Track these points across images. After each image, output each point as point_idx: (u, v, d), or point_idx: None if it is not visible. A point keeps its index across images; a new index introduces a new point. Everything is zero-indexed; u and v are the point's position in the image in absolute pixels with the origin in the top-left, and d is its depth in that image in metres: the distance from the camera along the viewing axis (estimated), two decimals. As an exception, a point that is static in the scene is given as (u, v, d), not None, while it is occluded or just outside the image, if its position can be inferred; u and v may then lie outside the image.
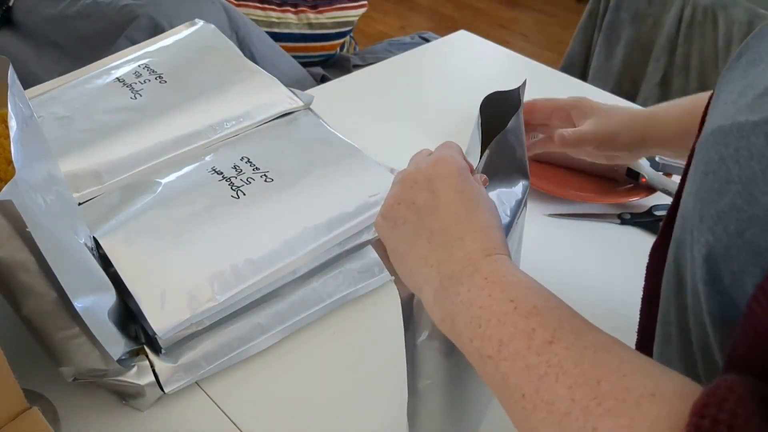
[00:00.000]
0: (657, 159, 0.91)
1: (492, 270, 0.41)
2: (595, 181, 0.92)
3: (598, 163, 0.80)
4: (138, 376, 0.61)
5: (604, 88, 1.15)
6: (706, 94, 0.58)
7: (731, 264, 0.34)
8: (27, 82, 0.64)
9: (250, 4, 1.50)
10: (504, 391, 0.38)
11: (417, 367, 0.48)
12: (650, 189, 0.89)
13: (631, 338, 0.54)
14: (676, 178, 0.90)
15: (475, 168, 0.50)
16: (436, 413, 0.52)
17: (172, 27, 0.99)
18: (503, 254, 0.43)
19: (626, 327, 0.53)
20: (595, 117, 0.73)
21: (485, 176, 0.49)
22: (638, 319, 0.54)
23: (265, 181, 0.72)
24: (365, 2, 1.59)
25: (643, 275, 0.52)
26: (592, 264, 0.80)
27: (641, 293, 0.53)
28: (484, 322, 0.39)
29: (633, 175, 0.89)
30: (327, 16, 1.54)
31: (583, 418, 0.33)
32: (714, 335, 0.38)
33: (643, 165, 0.89)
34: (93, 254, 0.60)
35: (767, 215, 0.32)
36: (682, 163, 0.91)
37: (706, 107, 0.45)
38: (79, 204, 0.70)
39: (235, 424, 0.63)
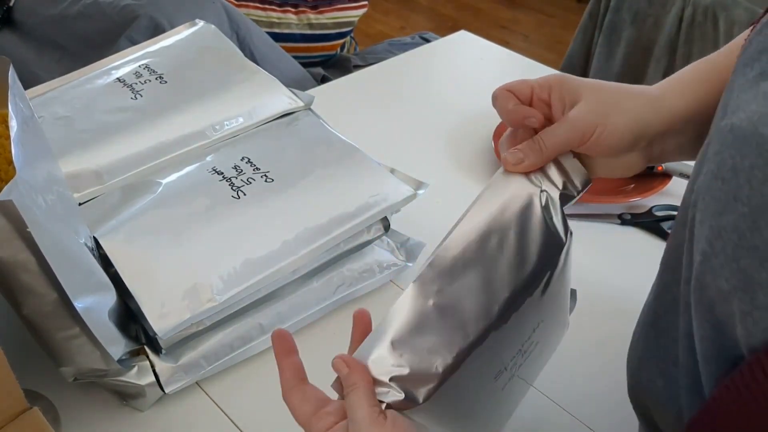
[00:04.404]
0: None
1: None
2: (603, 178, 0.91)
3: None
4: (138, 376, 0.62)
5: (604, 89, 1.15)
6: (711, 63, 0.53)
7: (720, 282, 0.34)
8: (27, 83, 0.64)
9: (251, 4, 1.50)
10: None
11: None
12: (666, 176, 0.89)
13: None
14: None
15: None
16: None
17: (172, 27, 0.99)
18: None
19: (626, 327, 0.53)
20: (582, 103, 0.52)
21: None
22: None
23: (266, 181, 0.72)
24: (366, 2, 1.59)
25: (643, 275, 0.52)
26: (592, 264, 0.80)
27: (641, 293, 0.53)
28: None
29: None
30: (327, 17, 1.54)
31: None
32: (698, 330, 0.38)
33: None
34: (93, 254, 0.60)
35: (767, 251, 0.31)
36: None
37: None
38: (80, 204, 0.70)
39: (235, 424, 0.63)
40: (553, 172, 0.52)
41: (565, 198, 0.51)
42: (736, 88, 0.39)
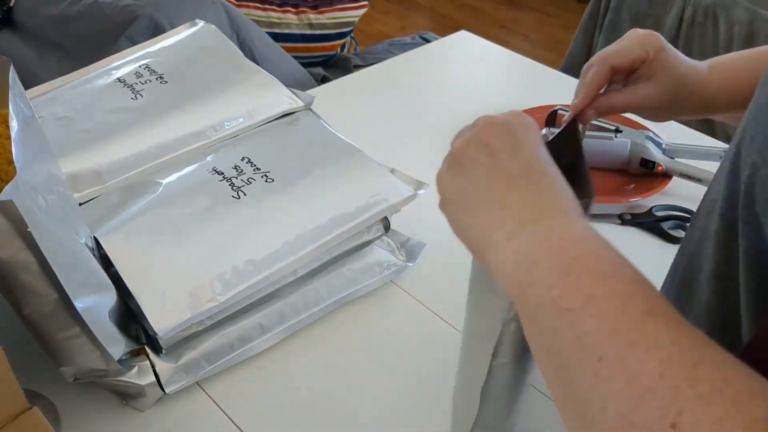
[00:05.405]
0: (664, 145, 0.91)
1: (587, 227, 0.38)
2: (603, 176, 0.91)
3: (609, 158, 0.78)
4: (139, 376, 0.62)
5: (604, 89, 1.15)
6: None
7: (766, 190, 0.35)
8: (28, 83, 0.64)
9: (251, 4, 1.50)
10: (575, 350, 0.34)
11: (499, 344, 0.48)
12: (666, 176, 0.89)
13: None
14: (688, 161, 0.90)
15: None
16: (500, 395, 0.52)
17: (172, 27, 0.99)
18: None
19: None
20: (658, 80, 0.63)
21: None
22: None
23: (266, 181, 0.72)
24: (366, 2, 1.59)
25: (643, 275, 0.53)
26: (592, 264, 0.80)
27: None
28: (575, 273, 0.36)
29: (647, 164, 0.89)
30: (328, 17, 1.54)
31: (669, 397, 0.29)
32: (744, 269, 0.39)
33: (656, 153, 0.89)
34: (94, 254, 0.60)
35: None
36: (689, 145, 0.92)
37: None
38: (80, 204, 0.70)
39: (235, 424, 0.63)
40: None
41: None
42: None
